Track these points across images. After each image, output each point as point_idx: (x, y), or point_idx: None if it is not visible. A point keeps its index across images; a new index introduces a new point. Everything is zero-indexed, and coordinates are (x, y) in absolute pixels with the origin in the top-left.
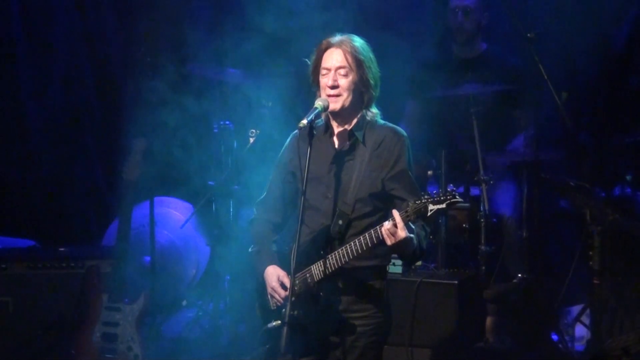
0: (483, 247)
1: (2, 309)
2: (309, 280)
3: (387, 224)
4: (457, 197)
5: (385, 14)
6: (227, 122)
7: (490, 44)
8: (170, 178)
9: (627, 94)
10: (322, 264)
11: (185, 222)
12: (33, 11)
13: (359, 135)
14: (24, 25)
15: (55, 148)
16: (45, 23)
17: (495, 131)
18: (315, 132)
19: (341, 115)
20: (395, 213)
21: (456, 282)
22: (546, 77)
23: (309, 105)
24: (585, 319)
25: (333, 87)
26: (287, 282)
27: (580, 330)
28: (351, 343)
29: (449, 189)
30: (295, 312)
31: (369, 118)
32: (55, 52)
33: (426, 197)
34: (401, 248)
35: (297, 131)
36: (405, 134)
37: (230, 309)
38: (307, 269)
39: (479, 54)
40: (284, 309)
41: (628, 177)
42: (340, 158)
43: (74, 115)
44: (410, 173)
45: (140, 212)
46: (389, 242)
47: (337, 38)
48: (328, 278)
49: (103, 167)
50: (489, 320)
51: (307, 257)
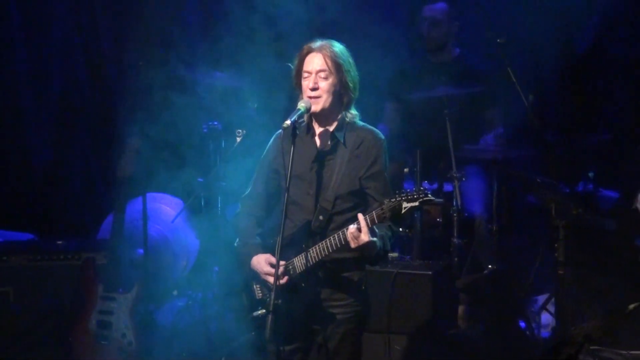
0: (455, 240)
1: (3, 299)
2: (291, 272)
3: (352, 228)
4: (430, 195)
5: (364, 21)
6: (215, 122)
7: (462, 49)
8: (162, 175)
9: (590, 96)
10: (304, 256)
11: (176, 217)
12: (31, 13)
13: (339, 136)
14: (23, 27)
15: (52, 147)
16: (43, 26)
17: (467, 130)
18: (298, 132)
19: (322, 116)
20: (361, 218)
21: (430, 273)
22: (515, 79)
23: (292, 107)
24: (551, 307)
25: (313, 89)
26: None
27: (546, 318)
28: (332, 330)
29: (422, 188)
30: (280, 301)
31: (348, 119)
32: (53, 55)
33: (401, 195)
34: (364, 251)
35: (280, 131)
36: (383, 137)
37: (218, 298)
38: (290, 261)
39: (452, 58)
40: (268, 298)
41: (590, 174)
42: (321, 157)
43: (70, 115)
44: (385, 174)
45: (133, 207)
46: (352, 245)
47: (318, 43)
48: (310, 269)
49: (98, 165)
50: (461, 309)
51: (290, 250)
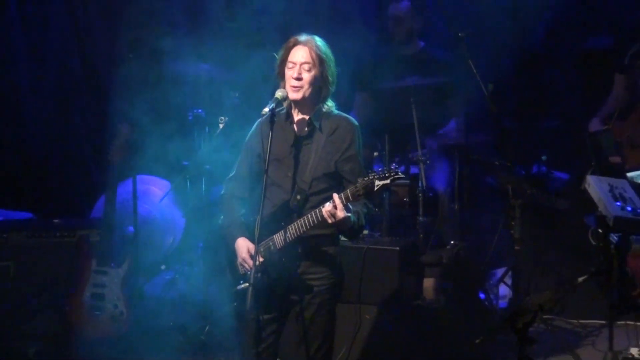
0: (421, 218)
1: (5, 272)
2: (272, 248)
3: (328, 206)
4: (400, 173)
5: (336, 17)
6: (200, 110)
7: (427, 43)
8: (151, 159)
9: (543, 86)
10: (283, 233)
11: (164, 197)
12: (30, 13)
13: (316, 123)
14: (22, 26)
15: (50, 133)
16: (40, 20)
17: (432, 118)
18: (276, 119)
19: (301, 104)
20: (335, 196)
21: (398, 248)
22: (475, 70)
23: (270, 95)
24: (508, 280)
25: (297, 79)
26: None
27: (503, 290)
28: (309, 301)
29: (392, 167)
30: (259, 274)
31: (325, 109)
32: (49, 49)
33: (373, 174)
34: (340, 226)
35: (262, 118)
36: (356, 123)
37: (203, 272)
38: (270, 238)
39: (417, 51)
40: (250, 272)
41: (543, 158)
42: (299, 142)
43: (65, 104)
44: (359, 158)
45: (124, 189)
46: (329, 222)
47: (303, 37)
48: (289, 245)
49: (92, 150)
50: (426, 281)
51: (270, 228)
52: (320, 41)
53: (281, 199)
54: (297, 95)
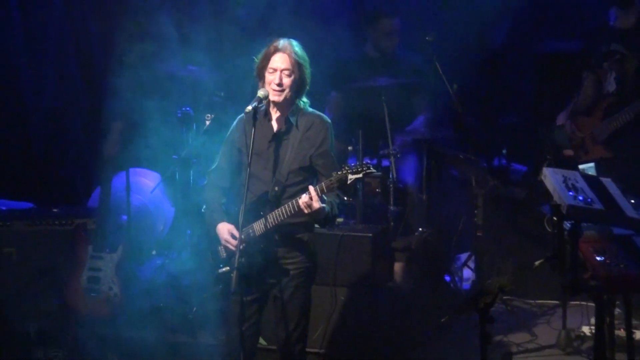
0: (392, 207)
1: (8, 257)
2: (251, 235)
3: (304, 197)
4: (371, 168)
5: (312, 22)
6: (188, 108)
7: (397, 46)
8: (143, 153)
9: (503, 86)
10: (262, 221)
11: (155, 188)
12: (31, 18)
13: (293, 120)
14: (24, 29)
15: (49, 130)
16: (41, 28)
17: (401, 115)
18: (258, 116)
19: (280, 104)
20: (311, 188)
21: (370, 235)
22: (441, 71)
23: (250, 95)
24: (471, 263)
25: (279, 84)
26: (236, 234)
27: (467, 273)
28: (286, 283)
29: (364, 162)
30: (243, 259)
31: (301, 106)
32: (49, 52)
33: (347, 168)
34: (315, 216)
35: (243, 115)
36: (329, 120)
37: (191, 257)
38: (250, 226)
39: (388, 54)
40: (232, 257)
41: (504, 151)
42: (277, 138)
43: (64, 102)
44: (331, 153)
45: (118, 180)
46: (305, 211)
47: (282, 43)
48: (267, 232)
49: (88, 145)
50: (397, 265)
51: (251, 216)
52: (297, 46)
53: (261, 190)
54: (279, 98)
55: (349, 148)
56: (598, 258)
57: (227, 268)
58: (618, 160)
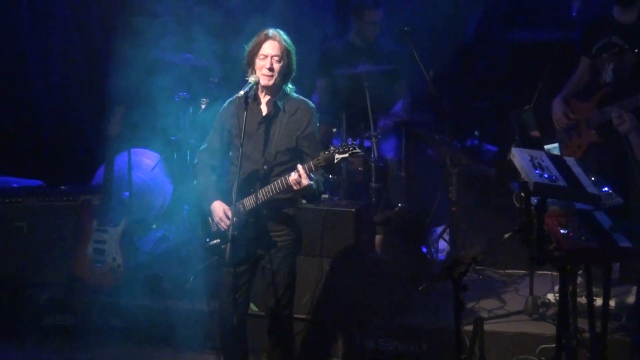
0: (373, 184)
1: (19, 231)
2: (242, 210)
3: (294, 175)
4: (357, 148)
5: (301, 14)
6: (185, 93)
7: (378, 35)
8: (143, 134)
9: (475, 72)
10: (252, 197)
11: (154, 167)
12: (39, 10)
13: (280, 104)
14: (32, 21)
15: (57, 113)
16: (48, 19)
17: (382, 99)
18: (249, 100)
19: (269, 89)
20: (299, 167)
21: (354, 209)
22: (418, 59)
23: (240, 81)
24: (446, 236)
25: (270, 69)
26: (230, 214)
27: (442, 245)
28: (274, 254)
29: (349, 143)
30: (236, 232)
31: (287, 92)
32: (55, 40)
33: (333, 149)
34: (303, 192)
35: (232, 98)
36: (313, 105)
37: (188, 230)
38: (240, 202)
39: (370, 43)
40: (224, 231)
41: (476, 133)
42: (266, 120)
43: (69, 87)
44: (316, 135)
45: (120, 160)
46: (295, 188)
47: (272, 32)
48: (257, 207)
49: (93, 126)
50: (378, 238)
51: (241, 193)
52: (284, 35)
53: (251, 168)
54: (269, 82)
55: (334, 130)
56: (562, 231)
57: (218, 240)
58: (606, 146)
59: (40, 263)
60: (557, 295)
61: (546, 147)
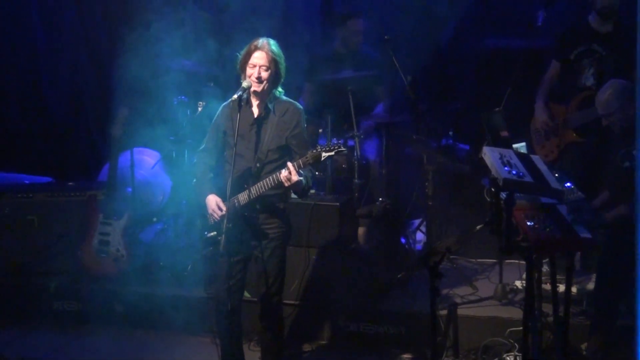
0: (356, 180)
1: (30, 224)
2: (236, 204)
3: (284, 172)
4: (342, 147)
5: (290, 24)
6: (183, 97)
7: (361, 43)
8: (145, 134)
9: (449, 77)
10: (246, 193)
11: (155, 165)
12: (48, 19)
13: (270, 107)
14: (43, 29)
15: (65, 115)
16: (57, 28)
17: (364, 102)
18: (242, 103)
19: (260, 94)
20: (289, 164)
21: (338, 204)
22: (397, 65)
23: (237, 86)
24: (423, 228)
25: (258, 78)
26: (222, 206)
27: (419, 236)
28: (265, 245)
29: (335, 142)
30: (230, 225)
31: (277, 95)
32: (64, 48)
33: (321, 147)
34: (293, 187)
35: (227, 102)
36: (301, 107)
37: (186, 223)
38: (235, 197)
39: (353, 51)
40: (219, 224)
41: (450, 133)
42: (258, 122)
43: (77, 91)
44: (304, 134)
45: (123, 158)
46: (285, 184)
47: (261, 42)
48: (250, 202)
49: (99, 127)
50: (360, 230)
51: (236, 189)
52: (274, 44)
53: (244, 166)
54: (259, 88)
55: (320, 130)
56: (528, 223)
57: (214, 233)
58: (585, 146)
59: (50, 253)
60: (524, 282)
61: (514, 146)
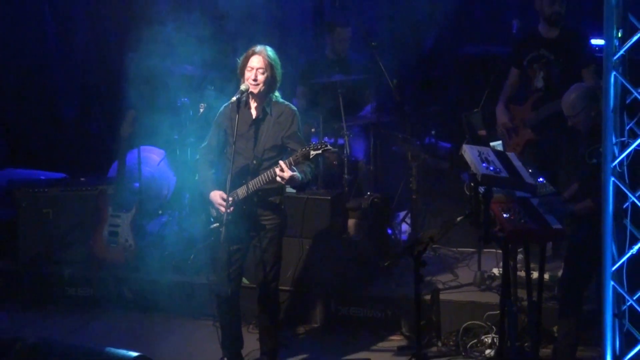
0: (346, 176)
1: (46, 217)
2: (236, 198)
3: (277, 169)
4: (329, 146)
5: (285, 31)
6: (186, 99)
7: (349, 49)
8: (151, 134)
9: (432, 81)
10: (244, 188)
11: (160, 162)
12: (62, 28)
13: (267, 109)
14: (57, 37)
15: (78, 116)
16: (70, 35)
17: (353, 104)
18: (240, 105)
19: (257, 96)
20: (281, 162)
21: (329, 197)
22: (383, 70)
23: (236, 88)
24: (408, 219)
25: (255, 79)
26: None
27: (405, 227)
28: (263, 235)
29: (323, 141)
30: (230, 217)
31: (273, 99)
32: (77, 55)
33: (309, 146)
34: (290, 182)
35: (228, 103)
36: (295, 108)
37: (189, 215)
38: (235, 191)
39: (342, 56)
40: (221, 216)
41: (433, 132)
42: (255, 122)
43: (88, 93)
44: (299, 133)
45: (131, 156)
46: (279, 180)
47: (258, 48)
48: (249, 196)
49: (108, 127)
50: (350, 222)
51: (235, 184)
52: (270, 51)
53: (242, 163)
54: (255, 90)
55: (312, 130)
56: (505, 215)
57: (217, 224)
58: (541, 143)
59: (64, 243)
60: (500, 269)
61: (491, 144)
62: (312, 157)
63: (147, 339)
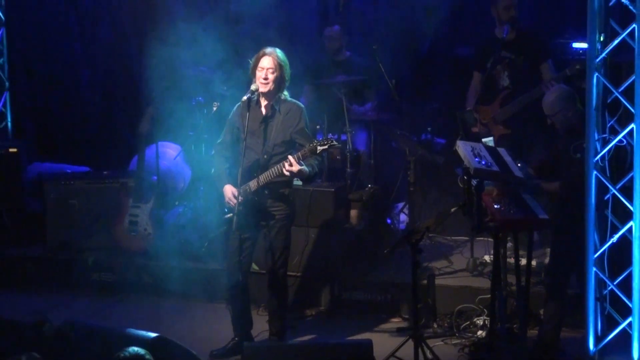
0: (348, 169)
1: (71, 207)
2: (248, 190)
3: (286, 163)
4: (334, 141)
5: (292, 35)
6: (200, 98)
7: (351, 52)
8: (168, 130)
9: (428, 80)
10: (255, 181)
11: (177, 156)
12: (87, 34)
13: (277, 107)
14: (82, 43)
15: (100, 114)
16: (93, 41)
17: (355, 102)
18: (251, 104)
19: (267, 95)
20: (290, 157)
21: (333, 189)
22: (383, 71)
23: (248, 88)
24: (406, 210)
25: (265, 79)
26: (237, 194)
27: (403, 217)
28: (272, 225)
29: (329, 137)
30: (241, 207)
31: (282, 97)
32: (100, 58)
33: (316, 142)
34: (299, 175)
35: (240, 102)
36: (303, 106)
37: (203, 206)
38: (246, 184)
39: (345, 58)
40: (235, 207)
41: (429, 129)
42: (265, 120)
43: (110, 94)
44: (306, 129)
45: (150, 151)
46: (287, 174)
47: (269, 50)
48: (259, 188)
49: (129, 124)
50: (352, 212)
51: (247, 177)
52: (280, 52)
53: (254, 158)
54: (265, 89)
55: (317, 127)
56: (495, 206)
57: (231, 215)
58: (513, 135)
59: (88, 232)
60: (491, 256)
61: (483, 140)
62: (319, 152)
63: (165, 320)
